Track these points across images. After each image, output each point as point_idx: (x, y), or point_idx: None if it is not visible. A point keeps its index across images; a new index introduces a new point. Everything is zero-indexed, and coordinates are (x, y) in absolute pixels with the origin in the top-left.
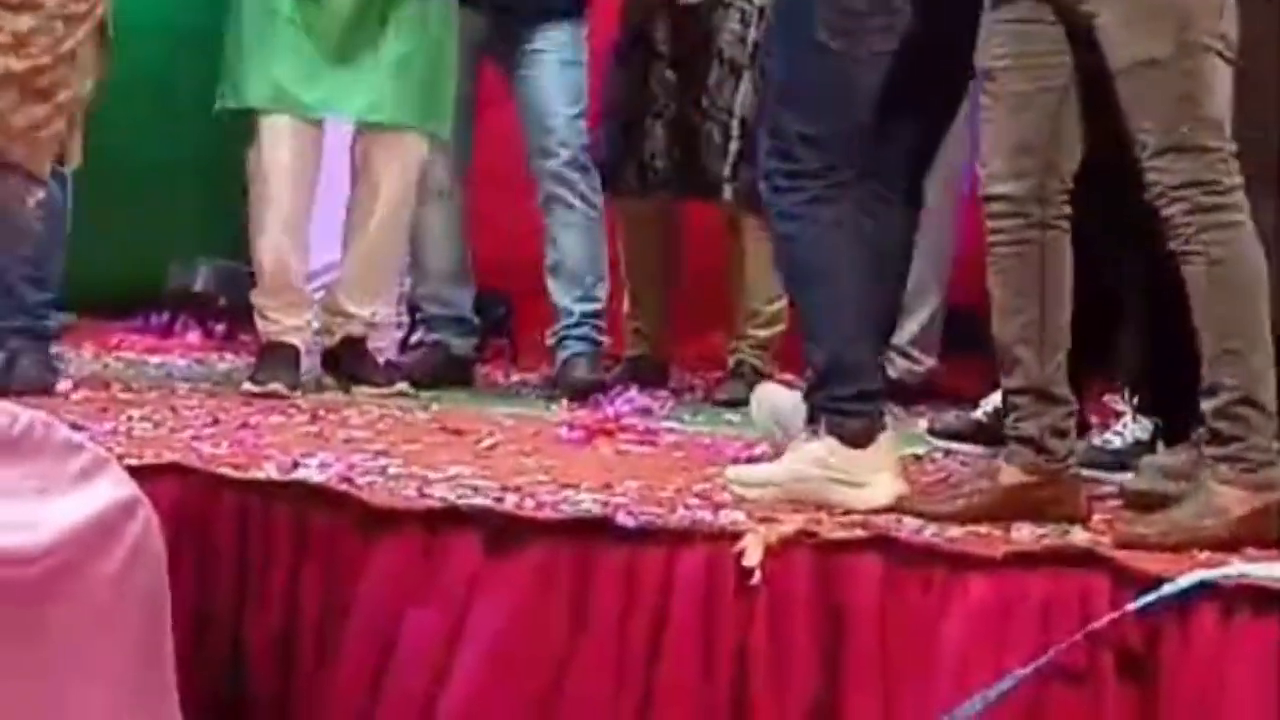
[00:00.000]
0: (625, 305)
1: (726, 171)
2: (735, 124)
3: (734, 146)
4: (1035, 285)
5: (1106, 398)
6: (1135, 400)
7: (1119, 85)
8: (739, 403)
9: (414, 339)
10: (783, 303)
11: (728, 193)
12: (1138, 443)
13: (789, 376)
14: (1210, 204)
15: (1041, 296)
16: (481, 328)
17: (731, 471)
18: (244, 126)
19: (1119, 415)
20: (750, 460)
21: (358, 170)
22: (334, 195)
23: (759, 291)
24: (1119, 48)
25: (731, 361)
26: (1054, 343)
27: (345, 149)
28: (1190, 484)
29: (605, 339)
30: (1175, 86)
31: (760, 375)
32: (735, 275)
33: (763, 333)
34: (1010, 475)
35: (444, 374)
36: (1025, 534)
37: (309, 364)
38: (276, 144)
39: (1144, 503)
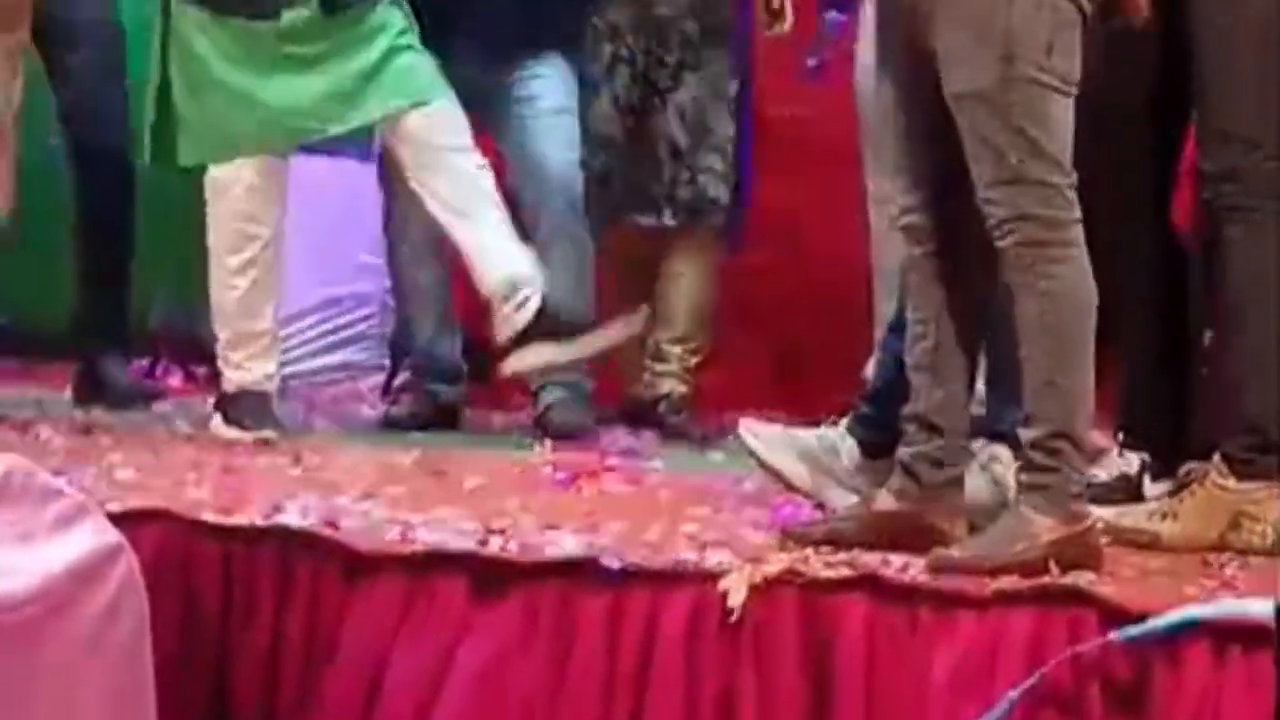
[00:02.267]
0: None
1: (724, 199)
2: (730, 150)
3: (732, 174)
4: (933, 311)
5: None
6: (1123, 435)
7: (955, 117)
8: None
9: (398, 382)
10: (707, 336)
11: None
12: (1123, 477)
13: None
14: (1041, 238)
15: (938, 324)
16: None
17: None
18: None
19: (1103, 451)
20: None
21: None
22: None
23: (699, 317)
24: (949, 81)
25: (657, 387)
26: (943, 373)
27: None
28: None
29: (589, 382)
30: (1003, 119)
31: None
32: (671, 298)
33: (692, 358)
34: (883, 502)
35: (432, 422)
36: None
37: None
38: (243, 186)
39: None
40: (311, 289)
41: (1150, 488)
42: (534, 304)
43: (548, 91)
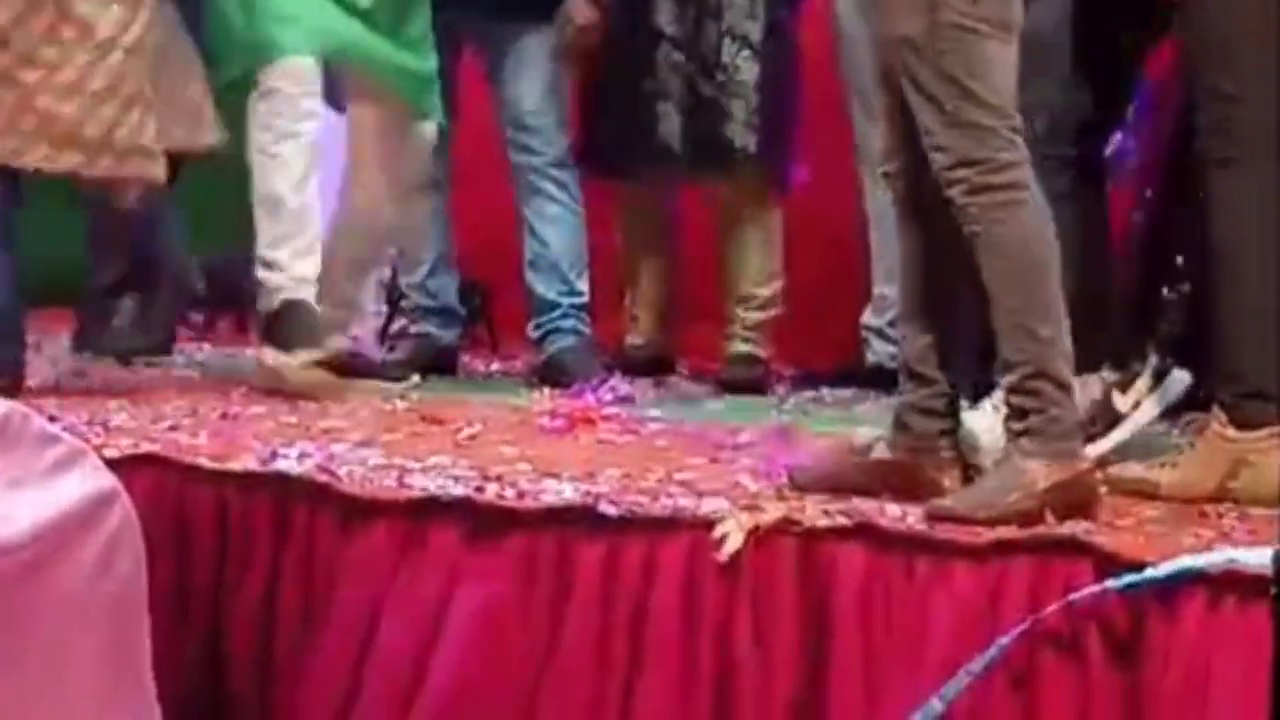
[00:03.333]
0: (626, 298)
1: (753, 147)
2: (755, 99)
3: (757, 121)
4: (915, 262)
5: None
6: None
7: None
8: (740, 387)
9: (394, 329)
10: (778, 285)
11: (748, 167)
12: (1094, 405)
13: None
14: (985, 183)
15: (918, 274)
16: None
17: None
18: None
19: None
20: (736, 448)
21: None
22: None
23: (754, 274)
24: (882, 27)
25: (728, 349)
26: (922, 323)
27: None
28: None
29: (589, 330)
30: (934, 66)
31: (757, 361)
32: (728, 260)
33: (757, 315)
34: (879, 450)
35: (429, 365)
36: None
37: None
38: (284, 78)
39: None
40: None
41: (1121, 401)
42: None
43: (537, 45)
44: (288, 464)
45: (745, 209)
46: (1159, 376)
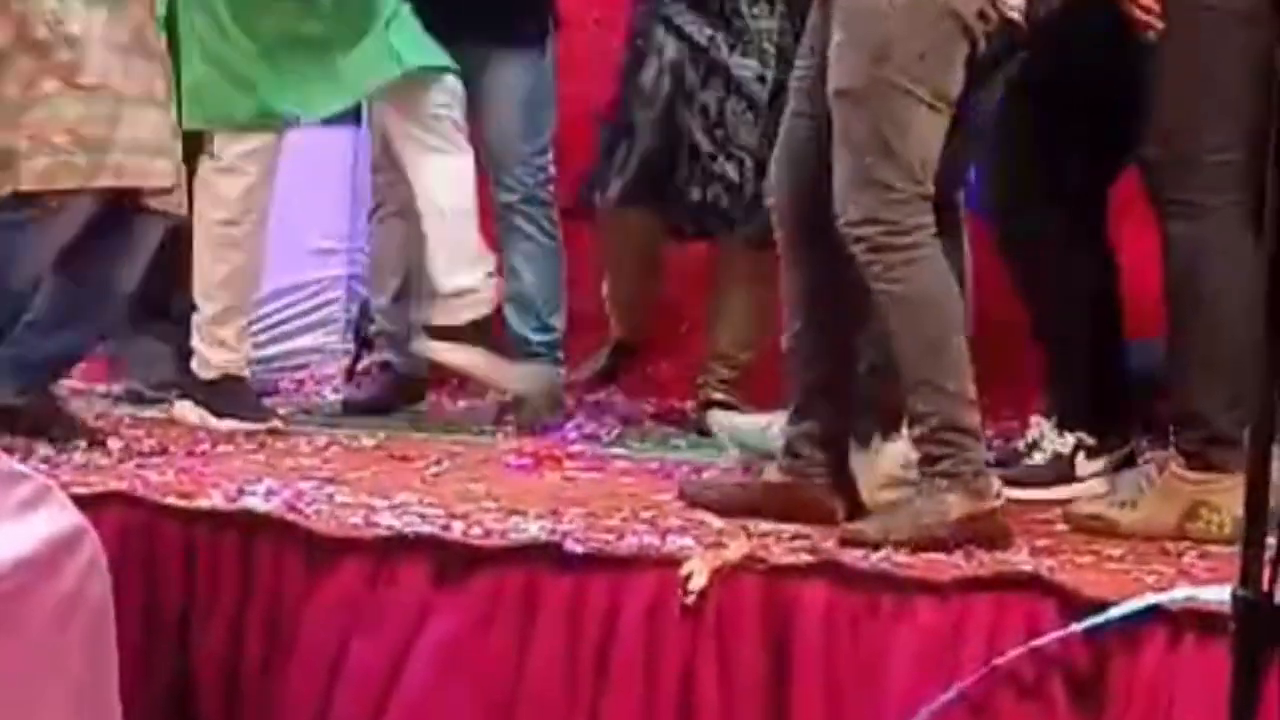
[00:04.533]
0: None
1: (740, 213)
2: (750, 164)
3: (750, 188)
4: (798, 299)
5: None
6: (1059, 418)
7: (832, 115)
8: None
9: (361, 366)
10: (754, 352)
11: (742, 233)
12: (1056, 456)
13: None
14: (889, 243)
15: (802, 310)
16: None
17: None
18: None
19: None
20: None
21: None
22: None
23: (737, 337)
24: (830, 78)
25: (700, 395)
26: (811, 354)
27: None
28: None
29: (563, 370)
30: (864, 119)
31: (730, 409)
32: (714, 314)
33: (731, 372)
34: (770, 474)
35: (394, 397)
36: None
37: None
38: (257, 161)
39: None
40: (273, 274)
41: (1084, 466)
42: (478, 311)
43: (512, 76)
44: (255, 501)
45: (740, 267)
46: (1126, 461)
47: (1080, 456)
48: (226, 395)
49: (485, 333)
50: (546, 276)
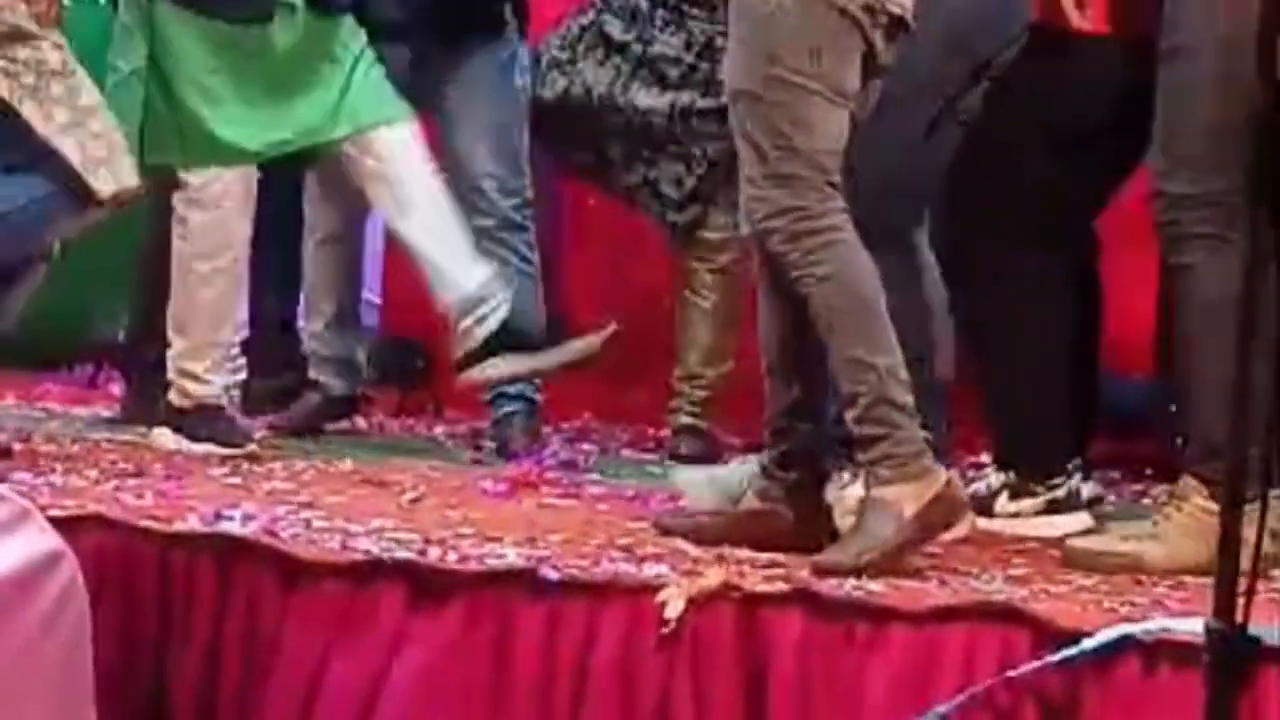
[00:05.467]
0: None
1: (621, 160)
2: (638, 123)
3: (631, 144)
4: (771, 323)
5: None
6: (994, 455)
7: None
8: (688, 460)
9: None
10: (726, 367)
11: (620, 180)
12: (973, 496)
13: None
14: (802, 229)
15: (780, 334)
16: (386, 374)
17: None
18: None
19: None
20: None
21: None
22: None
23: (703, 353)
24: (727, 80)
25: (673, 421)
26: (788, 376)
27: None
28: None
29: (541, 396)
30: (763, 118)
31: (701, 433)
32: (679, 332)
33: (702, 393)
34: (747, 502)
35: (322, 419)
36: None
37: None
38: (231, 197)
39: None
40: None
41: (1005, 505)
42: (495, 320)
43: (479, 100)
44: (232, 525)
45: (698, 281)
46: (1055, 506)
47: (1004, 496)
48: (202, 422)
49: (512, 332)
50: (523, 300)
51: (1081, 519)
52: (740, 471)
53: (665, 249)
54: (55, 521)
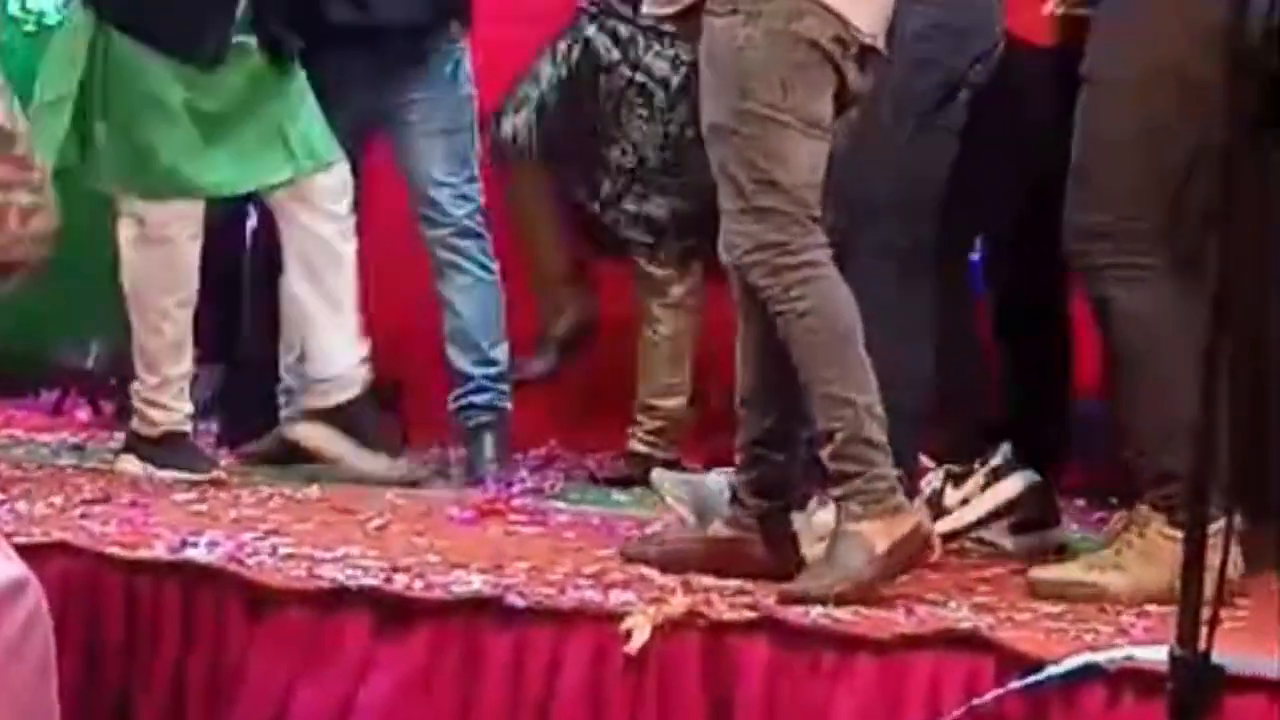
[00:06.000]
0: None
1: (612, 196)
2: (631, 158)
3: (622, 180)
4: (751, 351)
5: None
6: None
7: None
8: (622, 482)
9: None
10: (683, 399)
11: (606, 215)
12: (934, 493)
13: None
14: (782, 264)
15: (758, 361)
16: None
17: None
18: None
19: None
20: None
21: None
22: None
23: (660, 385)
24: (703, 115)
25: (627, 446)
26: (763, 405)
27: None
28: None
29: (509, 404)
30: (738, 152)
31: (657, 462)
32: (638, 361)
33: (658, 423)
34: (716, 529)
35: (291, 453)
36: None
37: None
38: (183, 227)
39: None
40: None
41: (953, 495)
42: (337, 398)
43: (429, 112)
44: (197, 552)
45: (651, 311)
46: (996, 474)
47: (949, 489)
48: (168, 449)
49: (354, 415)
50: (485, 308)
51: (1027, 476)
52: (719, 483)
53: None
54: (20, 548)
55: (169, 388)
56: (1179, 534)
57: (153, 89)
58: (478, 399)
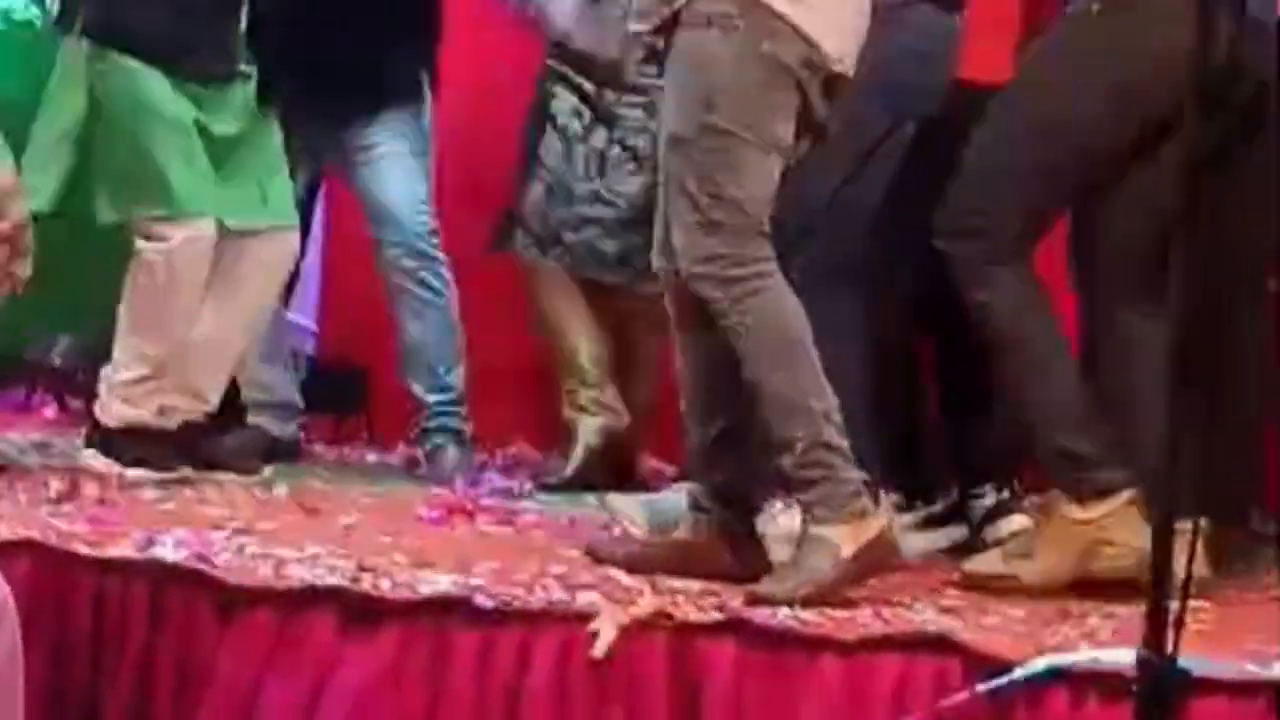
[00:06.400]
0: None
1: (614, 257)
2: (627, 210)
3: (626, 238)
4: (687, 360)
5: None
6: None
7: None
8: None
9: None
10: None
11: (613, 276)
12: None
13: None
14: (732, 275)
15: (701, 369)
16: (321, 401)
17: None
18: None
19: None
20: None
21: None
22: None
23: (638, 406)
24: (662, 126)
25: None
26: (708, 413)
27: None
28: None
29: (467, 425)
30: (695, 164)
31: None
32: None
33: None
34: (679, 532)
35: (262, 454)
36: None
37: None
38: (194, 248)
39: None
40: None
41: (900, 519)
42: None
43: (385, 139)
44: (164, 551)
45: (637, 326)
46: (934, 520)
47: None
48: (131, 443)
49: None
50: (439, 332)
51: (951, 533)
52: (675, 500)
53: None
54: None
55: (139, 387)
56: (1085, 513)
57: (161, 108)
58: (432, 424)
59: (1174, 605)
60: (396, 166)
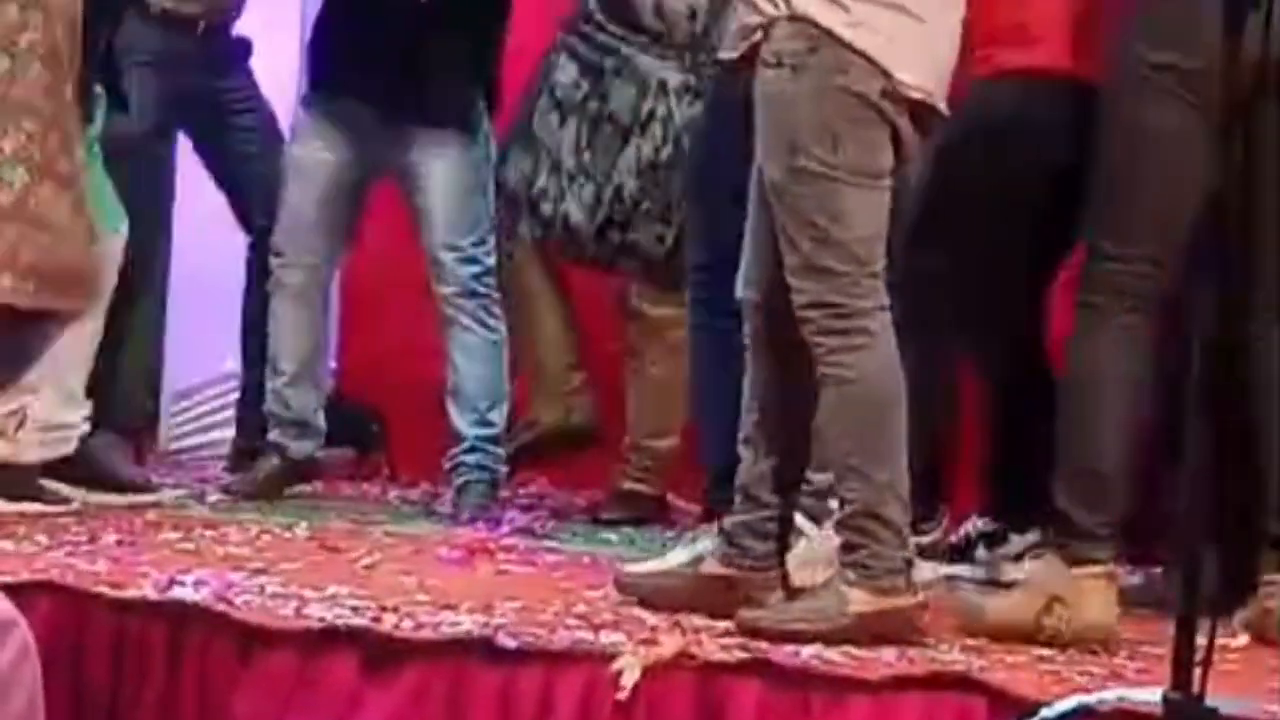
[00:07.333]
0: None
1: (592, 231)
2: (609, 189)
3: (603, 212)
4: (758, 388)
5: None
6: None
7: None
8: (618, 523)
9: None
10: (672, 441)
11: (590, 250)
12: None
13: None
14: (836, 327)
15: (764, 402)
16: (341, 438)
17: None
18: None
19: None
20: None
21: None
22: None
23: (650, 425)
24: (765, 171)
25: (616, 485)
26: (765, 445)
27: None
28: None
29: (502, 467)
30: (792, 209)
31: (641, 498)
32: (629, 398)
33: (648, 461)
34: (708, 566)
35: (280, 482)
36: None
37: None
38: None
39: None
40: (207, 363)
41: (982, 552)
42: (55, 451)
43: (438, 170)
44: (185, 592)
45: (642, 352)
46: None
47: (981, 544)
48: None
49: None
50: (486, 370)
51: (929, 568)
52: (682, 556)
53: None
54: (6, 588)
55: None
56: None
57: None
58: (469, 459)
59: (1201, 644)
60: (452, 207)
